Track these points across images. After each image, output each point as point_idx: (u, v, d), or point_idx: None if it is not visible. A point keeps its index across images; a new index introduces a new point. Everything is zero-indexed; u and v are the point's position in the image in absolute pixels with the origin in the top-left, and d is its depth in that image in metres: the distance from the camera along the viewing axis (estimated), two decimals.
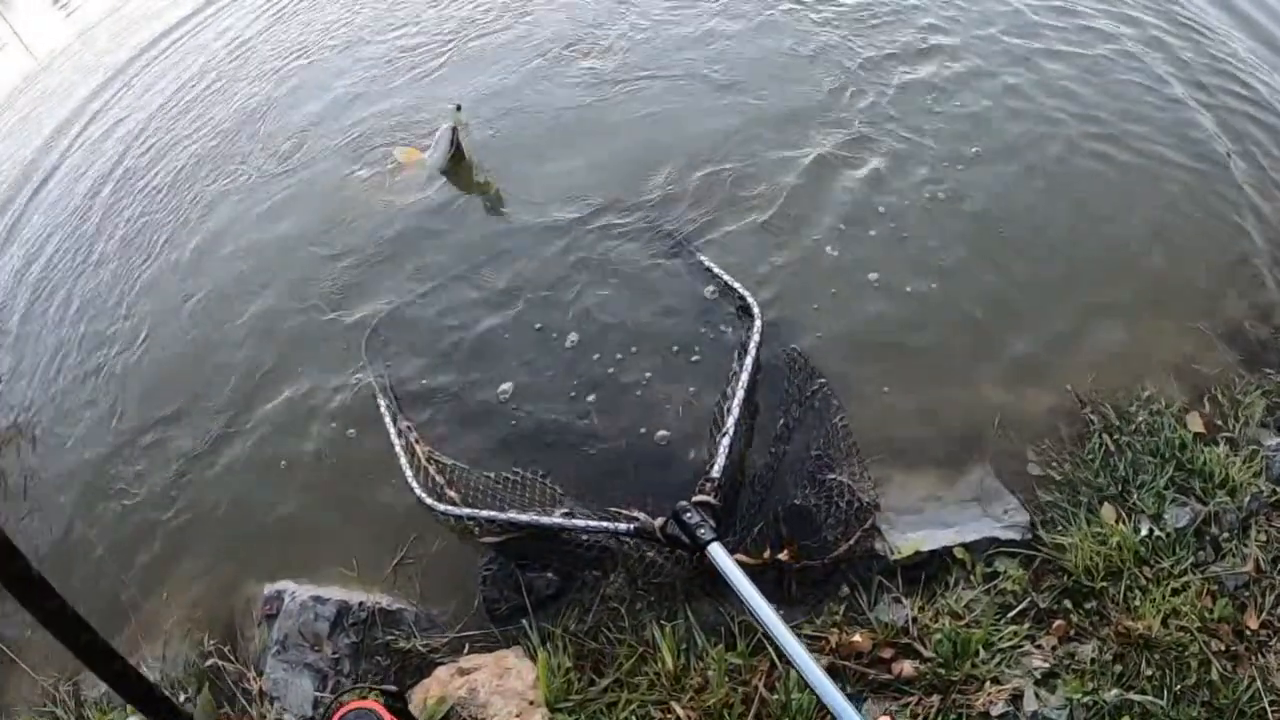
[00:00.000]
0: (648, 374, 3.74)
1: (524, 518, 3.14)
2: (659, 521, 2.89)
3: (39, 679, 3.62)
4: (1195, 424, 3.19)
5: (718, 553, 2.68)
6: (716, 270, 3.99)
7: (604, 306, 4.10)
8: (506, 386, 3.87)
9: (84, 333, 5.24)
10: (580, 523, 3.08)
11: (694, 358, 3.77)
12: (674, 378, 3.70)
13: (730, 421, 3.18)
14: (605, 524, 3.02)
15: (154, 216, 5.96)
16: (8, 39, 12.10)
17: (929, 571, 2.86)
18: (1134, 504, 2.96)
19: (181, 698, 3.29)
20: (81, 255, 5.97)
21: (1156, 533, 2.88)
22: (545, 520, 3.11)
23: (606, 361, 3.84)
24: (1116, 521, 2.92)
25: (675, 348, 3.83)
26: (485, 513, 3.24)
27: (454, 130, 4.94)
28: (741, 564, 2.67)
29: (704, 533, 2.73)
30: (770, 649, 2.68)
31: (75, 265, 5.89)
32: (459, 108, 4.93)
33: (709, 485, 2.99)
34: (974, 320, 3.66)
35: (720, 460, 3.08)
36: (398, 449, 3.62)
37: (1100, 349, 3.46)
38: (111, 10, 10.86)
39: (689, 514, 2.80)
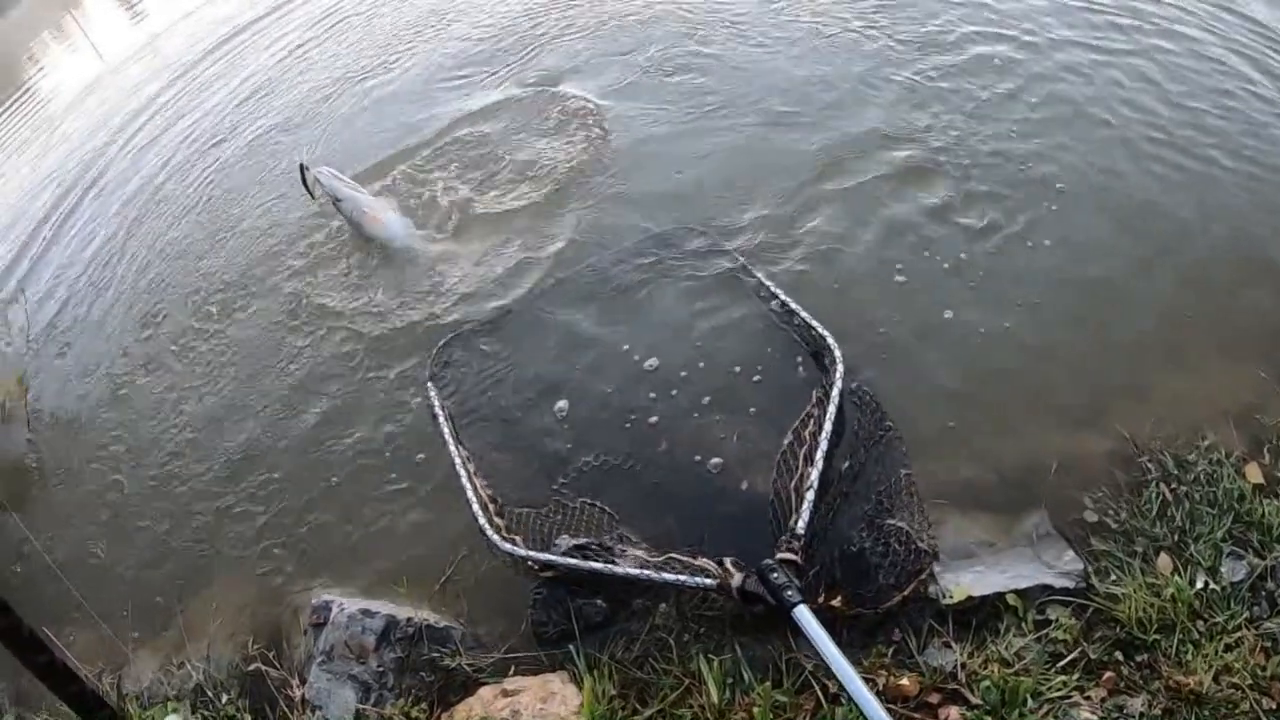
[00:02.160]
0: (706, 399, 3.75)
1: (593, 566, 3.07)
2: (737, 579, 2.80)
3: (81, 669, 3.66)
4: (1254, 475, 3.12)
5: (805, 616, 2.61)
6: (794, 306, 3.92)
7: (669, 330, 4.13)
8: (562, 404, 3.91)
9: (145, 336, 5.36)
10: (655, 575, 2.96)
11: (756, 377, 3.78)
12: (734, 405, 3.70)
13: (814, 474, 3.08)
14: (682, 578, 2.92)
15: (233, 229, 6.08)
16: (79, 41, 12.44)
17: (980, 617, 2.83)
18: (1190, 555, 2.91)
19: (223, 699, 3.34)
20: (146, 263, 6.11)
21: (1211, 586, 2.82)
22: (619, 571, 3.02)
23: (668, 384, 3.86)
24: (1171, 573, 2.86)
25: (738, 368, 3.84)
26: (548, 557, 3.19)
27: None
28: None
29: (791, 594, 2.66)
30: (816, 687, 2.68)
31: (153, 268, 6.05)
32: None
33: (796, 543, 2.88)
34: (1040, 362, 3.61)
35: (805, 516, 2.97)
36: (463, 480, 3.62)
37: (1160, 395, 3.40)
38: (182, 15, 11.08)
39: (774, 573, 2.72)
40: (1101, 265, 3.94)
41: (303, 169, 5.26)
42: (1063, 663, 2.71)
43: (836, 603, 2.82)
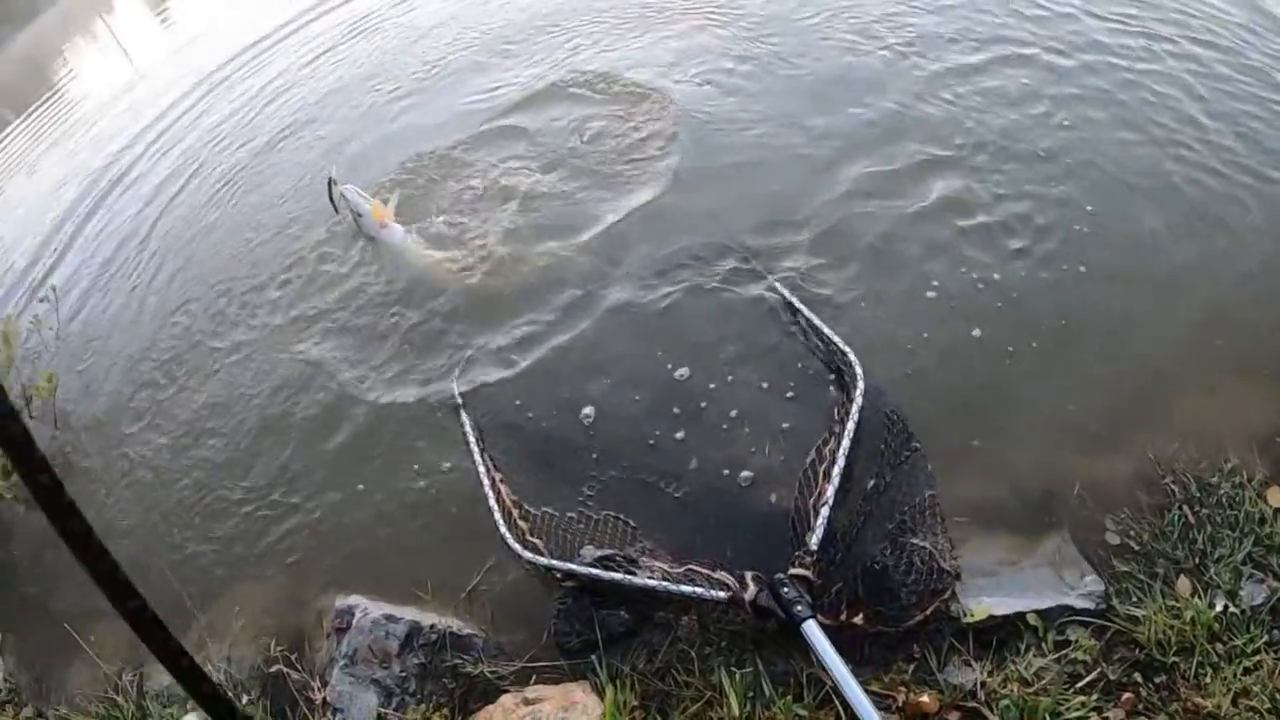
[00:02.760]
0: (733, 412, 3.76)
1: (610, 576, 3.09)
2: (750, 593, 2.83)
3: (103, 665, 3.72)
4: (1276, 499, 3.12)
5: (813, 631, 2.65)
6: (818, 323, 3.92)
7: (695, 341, 4.13)
8: (588, 411, 3.93)
9: (169, 336, 5.41)
10: (669, 586, 2.99)
11: (789, 394, 3.78)
12: (763, 417, 3.71)
13: (830, 490, 3.11)
14: (697, 590, 2.95)
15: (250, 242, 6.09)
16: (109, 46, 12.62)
17: (1000, 636, 2.85)
18: (1210, 578, 2.92)
19: (244, 699, 3.38)
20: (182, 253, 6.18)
21: (1231, 609, 2.83)
22: (634, 581, 3.04)
23: (696, 395, 3.87)
24: (1192, 595, 2.87)
25: (765, 384, 3.84)
26: (567, 565, 3.22)
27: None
28: (821, 626, 2.67)
29: (800, 609, 2.70)
30: (837, 703, 2.69)
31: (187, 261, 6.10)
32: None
33: (808, 559, 2.91)
34: (1067, 383, 3.60)
35: (819, 532, 3.00)
36: (486, 487, 3.66)
37: (1184, 417, 3.40)
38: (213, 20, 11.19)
39: (786, 588, 2.76)
40: (1130, 287, 3.93)
41: (330, 183, 5.35)
42: (1082, 683, 2.73)
43: (859, 620, 2.84)
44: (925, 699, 2.69)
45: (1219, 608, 2.83)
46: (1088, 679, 2.74)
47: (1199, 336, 3.69)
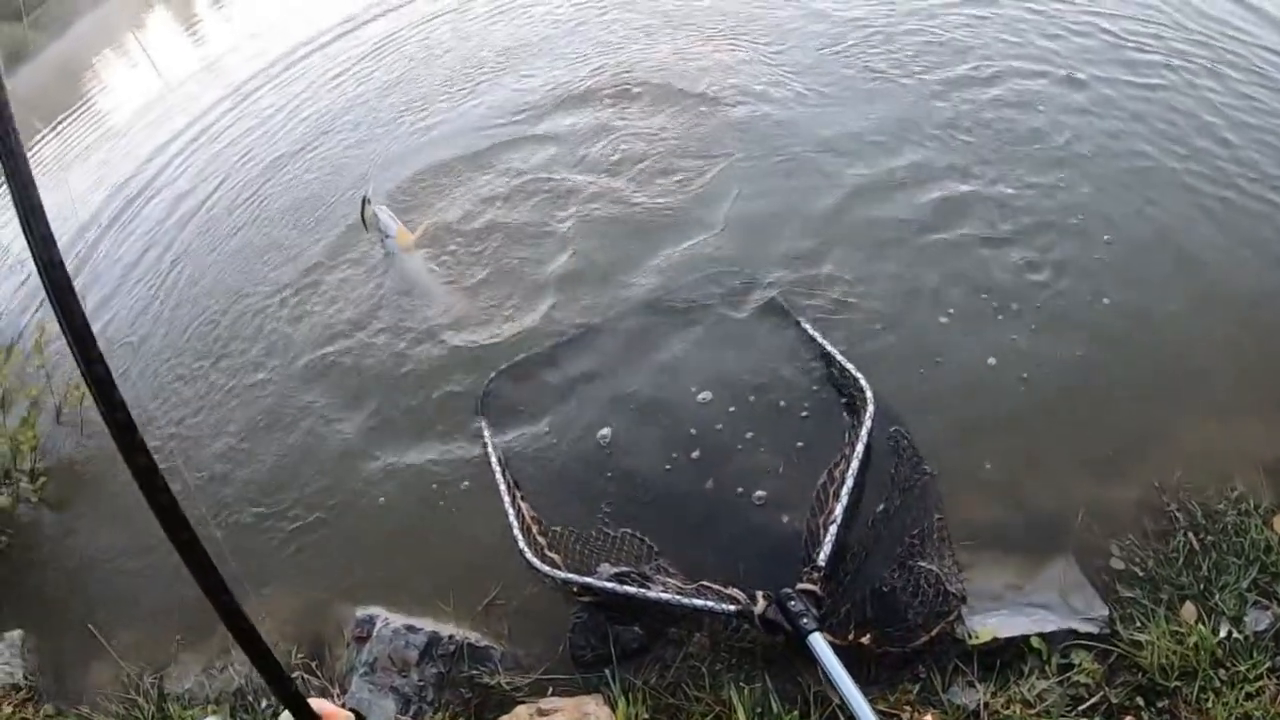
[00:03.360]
0: (749, 433, 3.81)
1: (624, 589, 3.15)
2: (759, 607, 2.89)
3: (125, 666, 3.79)
4: None
5: (819, 643, 2.70)
6: (829, 348, 3.97)
7: (717, 365, 4.18)
8: (605, 431, 3.99)
9: (194, 344, 5.52)
10: (681, 600, 3.05)
11: (804, 413, 3.84)
12: (776, 437, 3.76)
13: (839, 509, 3.16)
14: (708, 604, 3.01)
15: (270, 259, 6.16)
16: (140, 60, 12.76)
17: (1004, 658, 2.89)
18: (1215, 604, 2.94)
19: (263, 704, 3.44)
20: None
21: (1235, 635, 2.85)
22: (648, 595, 3.10)
23: (713, 416, 3.92)
24: (1196, 621, 2.90)
25: (782, 402, 3.90)
26: (584, 579, 3.28)
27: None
28: (829, 644, 2.72)
29: (807, 622, 2.75)
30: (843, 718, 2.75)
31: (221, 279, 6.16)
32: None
33: (815, 574, 2.97)
34: (1076, 410, 3.64)
35: (827, 549, 3.06)
36: (506, 505, 3.72)
37: (1191, 443, 3.43)
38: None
39: (793, 602, 2.82)
40: (1142, 315, 3.96)
41: (364, 202, 5.45)
42: (1084, 706, 2.76)
43: (865, 640, 2.88)
44: (929, 718, 2.74)
45: (1223, 633, 2.86)
46: (1090, 702, 2.77)
47: (1207, 363, 3.72)
